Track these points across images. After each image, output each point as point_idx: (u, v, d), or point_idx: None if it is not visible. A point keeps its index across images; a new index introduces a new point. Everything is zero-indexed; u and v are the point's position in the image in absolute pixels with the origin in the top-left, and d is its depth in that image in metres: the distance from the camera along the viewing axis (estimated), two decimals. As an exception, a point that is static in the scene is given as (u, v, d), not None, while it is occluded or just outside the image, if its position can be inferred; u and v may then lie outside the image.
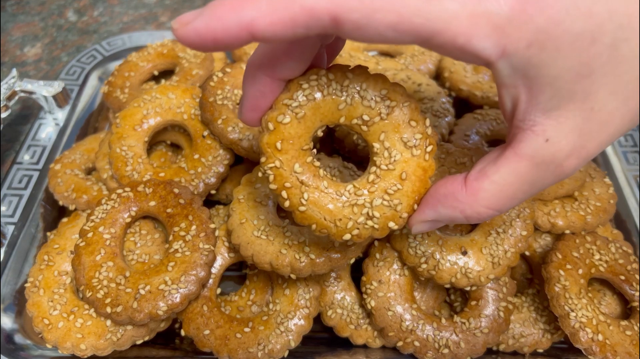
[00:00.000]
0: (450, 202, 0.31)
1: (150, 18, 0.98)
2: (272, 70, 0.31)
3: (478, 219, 0.31)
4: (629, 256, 0.49)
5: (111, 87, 0.64)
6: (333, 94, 0.32)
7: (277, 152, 0.33)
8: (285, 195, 0.33)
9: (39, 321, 0.45)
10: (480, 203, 0.30)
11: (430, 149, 0.33)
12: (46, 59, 0.88)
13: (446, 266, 0.44)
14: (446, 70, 0.64)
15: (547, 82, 0.25)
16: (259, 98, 0.32)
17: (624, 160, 0.64)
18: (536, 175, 0.28)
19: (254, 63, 0.31)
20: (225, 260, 0.49)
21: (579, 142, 0.27)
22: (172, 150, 0.59)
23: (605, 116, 0.26)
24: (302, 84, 0.32)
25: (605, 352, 0.43)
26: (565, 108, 0.26)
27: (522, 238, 0.45)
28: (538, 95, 0.26)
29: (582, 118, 0.26)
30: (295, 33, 0.24)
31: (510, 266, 0.45)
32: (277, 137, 0.33)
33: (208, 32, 0.24)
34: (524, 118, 0.27)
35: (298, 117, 0.32)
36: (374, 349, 0.49)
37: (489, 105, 0.60)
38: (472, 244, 0.45)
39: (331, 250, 0.43)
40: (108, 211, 0.48)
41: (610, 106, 0.26)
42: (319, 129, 0.34)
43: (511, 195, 0.29)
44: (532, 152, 0.27)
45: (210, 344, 0.45)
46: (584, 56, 0.24)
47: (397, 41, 0.25)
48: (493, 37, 0.24)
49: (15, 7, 0.99)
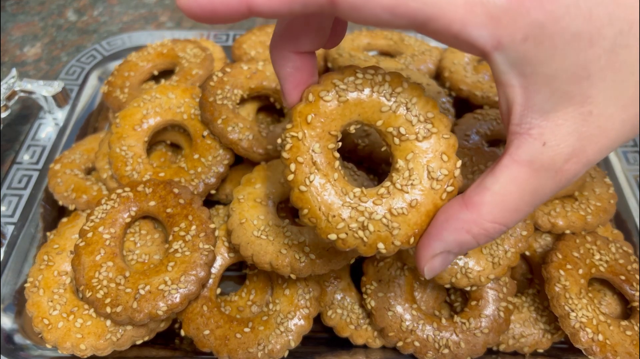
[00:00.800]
0: (454, 225, 0.29)
1: (150, 18, 0.98)
2: (295, 44, 0.31)
3: (487, 237, 0.29)
4: (629, 256, 0.49)
5: (111, 86, 0.64)
6: (382, 95, 0.32)
7: (305, 124, 0.32)
8: (293, 168, 0.32)
9: (38, 321, 0.45)
10: (485, 218, 0.28)
11: (450, 190, 0.32)
12: (46, 58, 0.88)
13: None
14: (446, 70, 0.64)
15: (544, 81, 0.25)
16: (295, 74, 0.33)
17: (624, 160, 0.64)
18: (536, 182, 0.27)
19: (276, 44, 0.32)
20: (225, 260, 0.49)
21: (578, 145, 0.26)
22: (171, 150, 0.59)
23: (605, 121, 0.26)
24: (357, 72, 0.32)
25: (605, 352, 0.43)
26: (563, 110, 0.26)
27: (522, 238, 0.45)
28: (534, 96, 0.26)
29: (580, 122, 0.26)
30: (291, 10, 0.25)
31: (510, 266, 0.45)
32: (312, 109, 0.32)
33: (208, 4, 0.25)
34: (520, 122, 0.27)
35: (340, 99, 0.32)
36: (374, 349, 0.48)
37: (489, 105, 0.60)
38: None
39: (331, 250, 0.43)
40: (108, 211, 0.47)
41: (609, 111, 0.26)
42: (353, 124, 0.33)
43: (514, 206, 0.28)
44: (530, 157, 0.27)
45: (210, 345, 0.45)
46: (581, 57, 0.24)
47: (393, 24, 0.25)
48: (489, 27, 0.24)
49: (15, 6, 0.99)
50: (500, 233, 0.29)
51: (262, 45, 0.70)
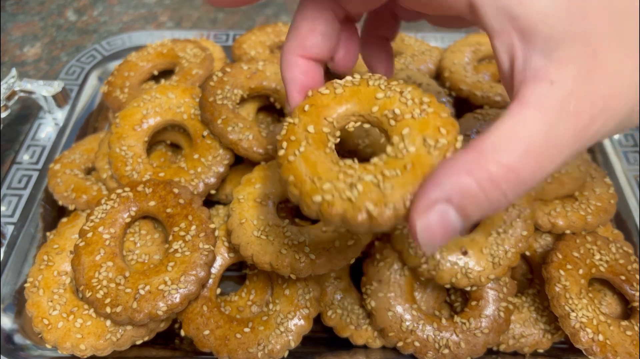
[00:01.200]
0: (453, 168, 0.25)
1: (150, 18, 0.98)
2: (302, 49, 0.33)
3: (492, 184, 0.24)
4: (630, 257, 0.49)
5: (111, 86, 0.64)
6: (377, 86, 0.33)
7: (302, 113, 0.33)
8: (284, 145, 0.32)
9: (38, 321, 0.45)
10: (488, 158, 0.24)
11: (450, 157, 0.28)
12: (46, 58, 0.88)
13: (446, 266, 0.44)
14: (446, 70, 0.64)
15: (539, 19, 0.24)
16: (301, 79, 0.34)
17: (625, 160, 0.64)
18: (548, 126, 0.24)
19: (288, 50, 0.33)
20: (225, 260, 0.49)
21: (590, 87, 0.24)
22: (171, 150, 0.59)
23: (613, 65, 0.24)
24: (355, 74, 0.34)
25: (605, 352, 0.43)
26: (566, 49, 0.24)
27: (522, 238, 0.45)
28: (533, 37, 0.24)
29: (587, 61, 0.24)
30: None
31: (510, 266, 0.45)
32: (309, 101, 0.33)
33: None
34: (524, 68, 0.25)
35: (336, 91, 0.33)
36: (374, 349, 0.48)
37: (489, 104, 0.60)
38: (473, 244, 0.45)
39: (331, 250, 0.43)
40: (108, 211, 0.47)
41: (615, 55, 0.24)
42: (349, 117, 0.33)
43: (524, 148, 0.24)
44: (538, 98, 0.24)
45: (210, 345, 0.45)
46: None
47: None
48: None
49: (15, 6, 0.99)
50: (509, 186, 0.24)
51: (262, 45, 0.70)
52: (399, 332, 0.45)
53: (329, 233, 0.45)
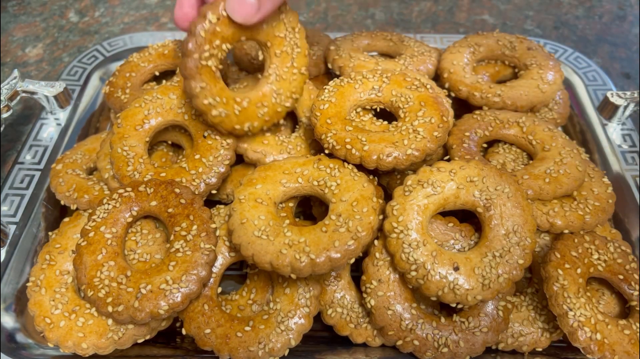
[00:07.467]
0: None
1: (152, 19, 0.98)
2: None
3: None
4: (628, 256, 0.49)
5: (112, 87, 0.64)
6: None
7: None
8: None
9: (40, 320, 0.46)
10: None
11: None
12: (48, 59, 0.88)
13: (435, 278, 0.44)
14: (445, 70, 0.64)
15: None
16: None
17: (623, 160, 0.64)
18: None
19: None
20: (226, 260, 0.50)
21: None
22: (173, 150, 0.60)
23: None
24: None
25: (603, 351, 0.43)
26: None
27: (518, 266, 0.44)
28: None
29: None
30: None
31: (501, 291, 0.44)
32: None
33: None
34: None
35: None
36: (374, 348, 0.49)
37: (488, 105, 0.60)
38: (466, 262, 0.44)
39: (331, 250, 0.43)
40: (109, 211, 0.48)
41: None
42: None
43: None
44: None
45: (211, 343, 0.45)
46: None
47: None
48: None
49: (17, 7, 0.99)
50: None
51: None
52: (398, 331, 0.46)
53: (329, 232, 0.45)
